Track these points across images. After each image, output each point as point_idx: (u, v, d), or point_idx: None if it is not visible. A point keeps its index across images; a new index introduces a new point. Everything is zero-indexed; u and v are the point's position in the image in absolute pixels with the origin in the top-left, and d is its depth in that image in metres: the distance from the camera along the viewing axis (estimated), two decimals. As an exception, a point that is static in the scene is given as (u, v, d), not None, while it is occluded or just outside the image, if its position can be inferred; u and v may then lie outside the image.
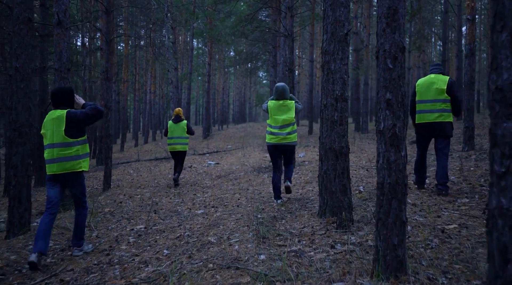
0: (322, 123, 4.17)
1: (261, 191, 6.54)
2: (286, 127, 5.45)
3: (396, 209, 2.65)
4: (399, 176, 2.66)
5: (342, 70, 3.89)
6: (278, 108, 5.47)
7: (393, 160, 2.66)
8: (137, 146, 25.36)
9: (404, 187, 2.67)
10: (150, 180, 9.43)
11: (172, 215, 5.56)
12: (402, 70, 2.72)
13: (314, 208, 4.79)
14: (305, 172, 8.31)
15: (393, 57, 2.70)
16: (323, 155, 4.13)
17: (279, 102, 5.50)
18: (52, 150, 3.84)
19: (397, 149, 2.67)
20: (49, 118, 3.90)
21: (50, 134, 3.85)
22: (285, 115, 5.45)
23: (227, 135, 27.48)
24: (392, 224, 2.65)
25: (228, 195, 6.42)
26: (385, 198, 2.67)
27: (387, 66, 2.71)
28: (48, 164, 3.88)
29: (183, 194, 7.27)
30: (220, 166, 11.02)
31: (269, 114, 5.55)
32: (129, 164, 13.96)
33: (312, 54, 21.35)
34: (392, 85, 2.70)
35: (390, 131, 2.68)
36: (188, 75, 19.83)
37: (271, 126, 5.50)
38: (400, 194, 2.65)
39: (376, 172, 2.76)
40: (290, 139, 5.45)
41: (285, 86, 5.55)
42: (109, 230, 4.96)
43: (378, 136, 2.76)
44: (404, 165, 2.68)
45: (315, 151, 12.98)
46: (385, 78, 2.72)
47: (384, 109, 2.71)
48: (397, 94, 2.69)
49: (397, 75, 2.70)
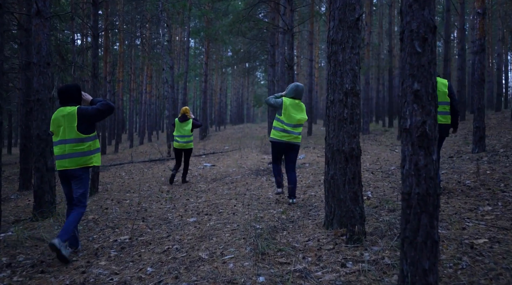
0: (329, 122, 3.67)
1: (259, 196, 6.04)
2: (299, 127, 5.49)
3: (427, 225, 2.15)
4: (430, 184, 2.16)
5: (353, 60, 3.39)
6: (294, 107, 5.45)
7: (422, 165, 2.17)
8: (132, 147, 24.81)
9: (436, 198, 2.18)
10: (141, 183, 8.90)
11: (161, 223, 5.05)
12: (433, 55, 2.22)
13: (318, 217, 4.29)
14: (306, 174, 7.81)
15: (422, 38, 2.20)
16: (330, 158, 3.64)
17: (295, 101, 5.49)
18: (64, 145, 3.88)
19: (427, 151, 2.18)
20: (58, 115, 3.91)
21: (62, 131, 3.89)
22: (300, 115, 5.46)
23: (224, 136, 26.98)
24: (421, 244, 2.16)
25: (223, 201, 5.91)
26: (412, 211, 2.18)
27: (415, 50, 2.22)
28: (59, 160, 3.91)
29: (175, 199, 6.76)
30: (216, 168, 10.50)
31: (283, 111, 5.41)
32: (121, 166, 13.43)
33: (311, 53, 20.85)
34: (421, 73, 2.21)
35: (418, 129, 2.18)
36: (184, 74, 19.31)
37: (284, 123, 5.40)
38: (431, 206, 2.16)
39: (401, 179, 2.26)
40: (299, 139, 5.51)
41: (304, 88, 5.65)
42: (89, 241, 4.44)
43: (403, 136, 2.26)
44: (436, 171, 2.18)
45: (315, 152, 12.49)
46: (412, 65, 2.23)
47: (410, 103, 2.22)
48: (427, 84, 2.20)
49: (427, 61, 2.20)
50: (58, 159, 3.93)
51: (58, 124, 3.91)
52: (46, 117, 5.52)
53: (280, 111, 5.41)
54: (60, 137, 3.90)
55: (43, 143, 5.48)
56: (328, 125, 3.71)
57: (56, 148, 3.94)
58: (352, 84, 3.38)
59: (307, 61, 39.17)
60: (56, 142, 3.94)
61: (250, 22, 15.62)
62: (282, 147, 5.44)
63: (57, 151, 3.93)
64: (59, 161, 3.92)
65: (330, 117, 3.67)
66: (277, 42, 17.24)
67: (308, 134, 20.39)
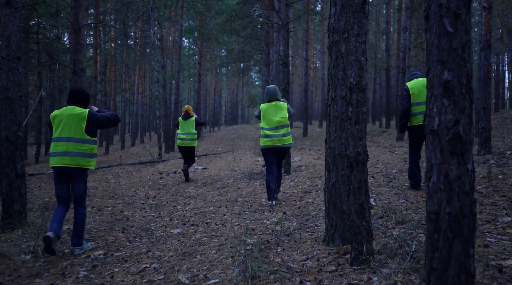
0: (330, 122, 3.19)
1: (251, 203, 5.55)
2: (281, 129, 5.47)
3: (461, 255, 1.68)
4: (465, 201, 1.69)
5: (358, 50, 2.92)
6: (271, 109, 5.48)
7: (455, 177, 1.70)
8: (123, 149, 24.22)
9: (472, 220, 1.70)
10: (127, 187, 8.38)
11: (142, 235, 4.54)
12: (467, 37, 1.75)
13: (317, 229, 3.81)
14: (302, 178, 7.33)
15: (454, 15, 1.73)
16: (331, 163, 3.16)
17: (271, 103, 5.53)
18: (67, 143, 3.96)
19: (460, 159, 1.71)
20: (65, 113, 4.02)
21: (67, 128, 3.98)
22: (279, 116, 5.46)
23: (218, 137, 26.47)
24: (454, 277, 1.68)
25: (212, 208, 5.41)
26: (442, 236, 1.70)
27: (444, 30, 1.74)
28: (60, 156, 3.95)
29: (161, 205, 6.25)
30: (207, 171, 10.00)
31: (262, 117, 5.53)
32: (109, 169, 12.88)
33: (306, 52, 20.38)
34: (452, 59, 1.73)
35: (449, 131, 1.71)
36: (176, 74, 18.78)
37: (265, 129, 5.47)
38: (466, 230, 1.69)
39: (427, 194, 1.79)
40: (285, 141, 5.48)
41: (276, 87, 5.62)
42: (58, 258, 3.92)
43: (429, 139, 1.79)
44: (472, 184, 1.71)
45: (311, 154, 12.03)
46: (440, 49, 1.76)
47: (439, 98, 1.75)
48: (460, 73, 1.73)
49: (460, 44, 1.73)
50: (58, 156, 3.97)
51: (61, 121, 4.00)
52: (16, 118, 5.00)
53: (260, 117, 5.54)
54: (65, 134, 3.98)
55: (12, 145, 4.95)
56: (328, 126, 3.23)
57: (57, 144, 3.99)
58: (357, 78, 2.90)
59: (302, 61, 38.78)
60: (58, 138, 4.00)
61: (244, 19, 15.14)
62: (270, 152, 5.47)
63: (58, 148, 3.97)
64: (59, 158, 3.96)
65: (331, 116, 3.19)
66: (271, 41, 16.78)
67: (303, 136, 19.93)
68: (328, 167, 3.23)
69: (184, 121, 8.65)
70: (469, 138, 1.70)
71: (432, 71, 1.77)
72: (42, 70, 22.54)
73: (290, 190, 6.39)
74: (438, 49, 1.74)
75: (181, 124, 8.65)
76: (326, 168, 3.26)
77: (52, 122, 4.08)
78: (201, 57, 24.68)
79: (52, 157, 4.00)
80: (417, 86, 5.14)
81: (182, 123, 8.65)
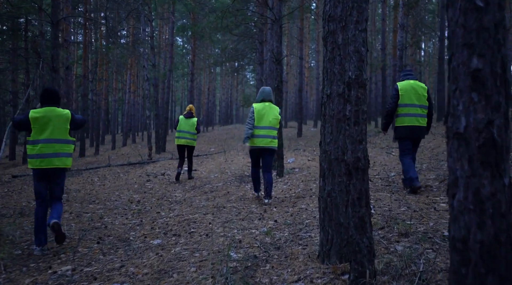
0: (325, 123, 2.81)
1: (240, 209, 5.15)
2: (273, 130, 5.56)
3: (496, 295, 1.29)
4: (501, 226, 1.31)
5: (358, 39, 2.53)
6: (264, 109, 5.53)
7: (488, 194, 1.31)
8: (114, 149, 23.72)
9: (511, 250, 1.32)
10: (112, 191, 7.95)
11: (119, 246, 4.13)
12: (501, 13, 1.36)
13: (311, 241, 3.42)
14: (295, 182, 6.94)
15: (486, -16, 1.35)
16: (327, 169, 2.77)
17: (265, 104, 5.58)
18: (53, 144, 4.01)
19: (495, 171, 1.32)
20: (53, 114, 4.03)
21: (51, 129, 4.00)
22: (271, 116, 5.54)
23: (211, 138, 26.06)
24: (486, 325, 1.29)
25: (198, 215, 5.00)
26: (471, 271, 1.32)
27: (473, 4, 1.36)
28: (49, 158, 3.99)
29: (144, 211, 5.84)
30: (197, 173, 9.59)
31: (255, 117, 5.51)
32: (96, 170, 12.42)
33: (301, 51, 20.01)
34: (482, 41, 1.35)
35: (481, 135, 1.32)
36: (168, 72, 18.33)
37: (257, 128, 5.49)
38: (503, 264, 1.30)
39: (450, 216, 1.41)
40: (274, 144, 5.55)
41: (271, 89, 5.77)
42: (21, 273, 3.50)
43: (452, 145, 1.40)
44: (510, 203, 1.32)
45: (306, 155, 11.66)
46: (467, 29, 1.37)
47: (466, 91, 1.36)
48: (494, 60, 1.34)
49: (494, 22, 1.35)
50: (47, 157, 3.99)
51: (46, 122, 3.99)
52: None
53: (254, 118, 5.51)
54: (53, 136, 4.01)
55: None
56: (323, 127, 2.84)
57: (45, 146, 3.98)
58: (357, 71, 2.52)
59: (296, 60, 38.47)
60: (44, 140, 3.98)
61: (237, 16, 14.74)
62: (258, 152, 5.62)
63: (46, 150, 3.98)
64: (48, 160, 3.99)
65: (327, 116, 2.80)
66: (265, 39, 16.40)
67: (298, 136, 19.56)
68: (322, 173, 2.84)
69: (186, 120, 8.49)
70: (506, 143, 1.32)
71: (457, 57, 1.38)
72: (30, 69, 21.98)
73: (282, 194, 6.00)
74: (465, 29, 1.35)
75: (183, 122, 8.47)
76: (321, 174, 2.87)
77: (32, 123, 3.96)
78: (194, 56, 24.22)
79: (40, 159, 3.98)
80: (407, 88, 5.19)
81: (184, 121, 8.48)
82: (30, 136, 4.01)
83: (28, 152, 4.03)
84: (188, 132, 8.45)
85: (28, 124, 3.97)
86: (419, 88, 5.18)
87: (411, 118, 5.14)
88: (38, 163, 3.98)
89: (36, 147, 3.97)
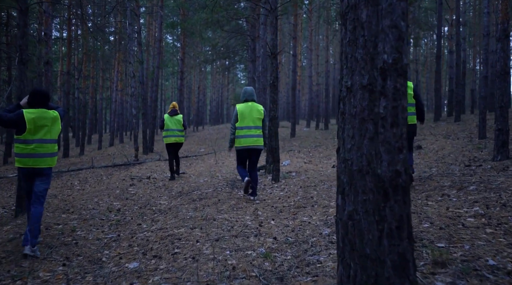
0: (344, 124, 2.16)
1: (233, 222, 4.48)
2: (257, 129, 5.59)
3: None
4: None
5: (396, 10, 1.88)
6: (248, 109, 5.59)
7: None
8: (101, 149, 22.86)
9: None
10: (90, 197, 7.22)
11: (88, 269, 3.44)
12: None
13: (322, 269, 2.78)
14: (293, 187, 6.30)
15: None
16: (347, 183, 2.12)
17: (248, 103, 5.64)
18: (47, 144, 4.11)
19: None
20: (47, 115, 4.10)
21: (46, 130, 4.09)
22: (254, 114, 5.58)
23: (201, 137, 25.35)
24: None
25: (184, 230, 4.32)
26: None
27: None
28: (44, 158, 4.10)
29: (123, 222, 5.14)
30: (185, 177, 8.90)
31: (239, 118, 5.58)
32: (78, 173, 11.65)
33: (294, 48, 19.36)
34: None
35: None
36: (156, 69, 17.57)
37: (241, 129, 5.55)
38: None
39: None
40: (260, 142, 5.59)
41: (253, 89, 5.81)
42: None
43: None
44: None
45: (301, 157, 11.03)
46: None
47: None
48: None
49: None
50: (38, 157, 4.06)
51: (42, 124, 4.06)
52: None
53: (237, 119, 5.58)
54: (44, 136, 4.09)
55: None
56: (342, 129, 2.19)
57: (41, 147, 4.07)
58: (395, 53, 1.87)
59: (288, 58, 37.84)
60: (41, 140, 4.07)
61: (229, 10, 14.05)
62: (245, 153, 5.64)
63: (42, 150, 4.07)
64: (43, 159, 4.09)
65: (346, 115, 2.15)
66: (257, 35, 15.73)
67: (291, 136, 18.94)
68: (342, 188, 2.19)
69: (171, 118, 8.48)
70: None
71: None
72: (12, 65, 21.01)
73: (280, 203, 5.35)
74: None
75: (169, 120, 8.45)
76: (339, 190, 2.22)
77: (28, 124, 3.98)
78: (184, 54, 23.44)
79: (33, 158, 4.04)
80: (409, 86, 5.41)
81: (170, 119, 8.47)
82: (21, 136, 4.00)
83: (18, 151, 4.03)
84: (176, 130, 8.46)
85: (22, 124, 3.97)
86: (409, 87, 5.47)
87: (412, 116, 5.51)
88: (32, 162, 4.04)
89: (30, 146, 4.01)
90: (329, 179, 6.70)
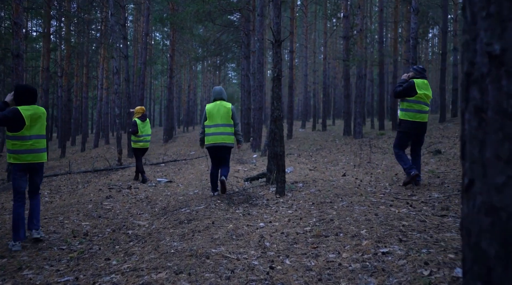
0: (484, 131, 1.00)
1: (234, 263, 3.27)
2: (227, 127, 5.74)
3: None
4: None
5: None
6: (216, 107, 5.74)
7: None
8: (84, 151, 21.47)
9: None
10: (56, 214, 5.96)
11: None
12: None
13: None
14: (303, 204, 5.12)
15: None
16: (498, 262, 0.95)
17: (216, 103, 5.81)
18: (42, 140, 4.33)
19: None
20: (40, 111, 4.29)
21: (39, 126, 4.29)
22: (222, 111, 5.72)
23: (192, 138, 24.09)
24: None
25: (165, 275, 3.10)
26: None
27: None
28: (41, 153, 4.33)
29: (88, 255, 3.92)
30: (172, 187, 7.69)
31: (207, 117, 5.76)
32: (52, 179, 10.35)
33: (292, 43, 18.17)
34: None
35: None
36: (142, 65, 16.30)
37: (210, 127, 5.74)
38: None
39: None
40: (229, 140, 5.77)
41: (222, 88, 5.97)
42: None
43: None
44: None
45: (303, 162, 9.86)
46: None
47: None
48: None
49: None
50: (36, 152, 4.25)
51: (37, 119, 4.23)
52: None
53: (206, 118, 5.78)
54: (39, 132, 4.27)
55: None
56: (479, 140, 1.03)
57: (35, 142, 4.24)
58: None
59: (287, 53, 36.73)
60: (33, 136, 4.22)
61: (221, 1, 12.84)
62: (214, 150, 5.82)
63: (36, 144, 4.24)
64: (39, 154, 4.29)
65: (489, 112, 0.99)
66: (253, 28, 14.55)
67: (288, 138, 17.78)
68: (477, 224, 1.03)
69: (143, 123, 8.63)
70: None
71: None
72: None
73: (291, 227, 4.16)
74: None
75: (142, 126, 8.57)
76: (474, 275, 1.06)
77: (27, 121, 4.11)
78: (173, 50, 22.17)
79: (33, 154, 4.21)
80: (423, 86, 5.40)
81: (142, 125, 8.59)
82: (18, 132, 4.10)
83: (15, 148, 4.12)
84: (148, 135, 8.71)
85: (20, 121, 4.08)
86: (428, 88, 5.45)
87: (422, 115, 5.42)
88: (31, 158, 4.20)
89: (28, 142, 4.16)
90: (346, 192, 5.53)
